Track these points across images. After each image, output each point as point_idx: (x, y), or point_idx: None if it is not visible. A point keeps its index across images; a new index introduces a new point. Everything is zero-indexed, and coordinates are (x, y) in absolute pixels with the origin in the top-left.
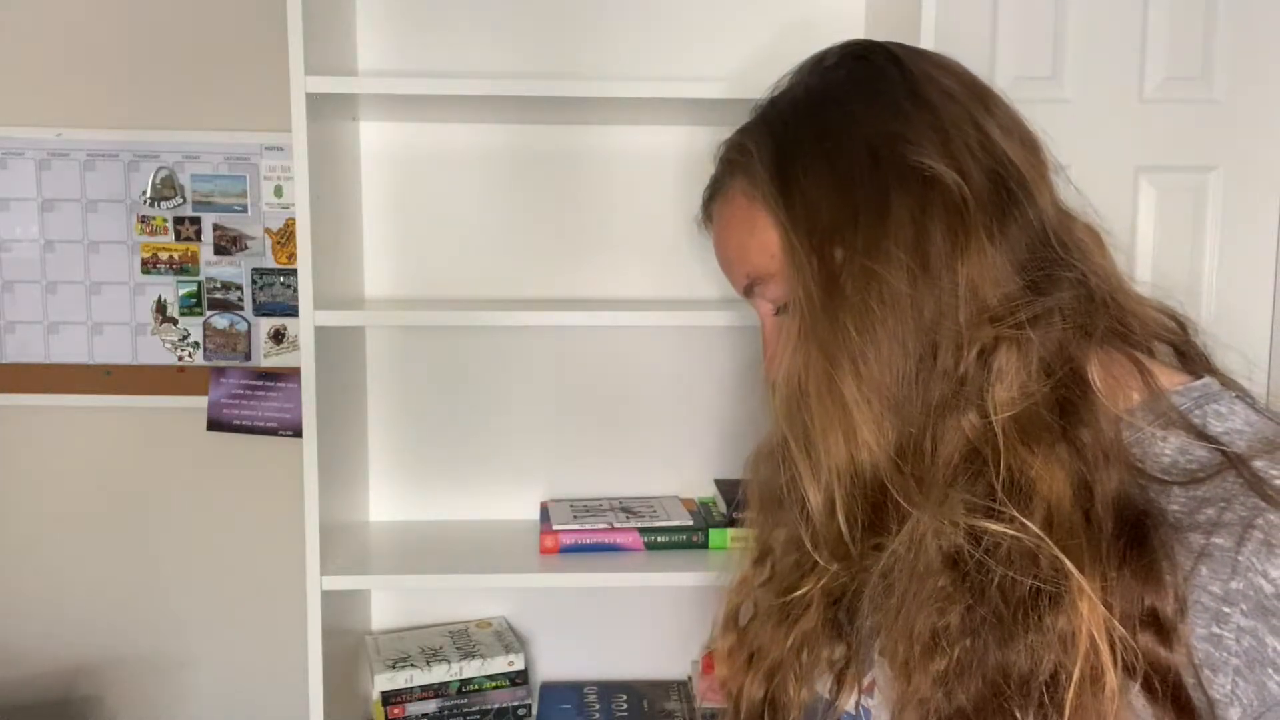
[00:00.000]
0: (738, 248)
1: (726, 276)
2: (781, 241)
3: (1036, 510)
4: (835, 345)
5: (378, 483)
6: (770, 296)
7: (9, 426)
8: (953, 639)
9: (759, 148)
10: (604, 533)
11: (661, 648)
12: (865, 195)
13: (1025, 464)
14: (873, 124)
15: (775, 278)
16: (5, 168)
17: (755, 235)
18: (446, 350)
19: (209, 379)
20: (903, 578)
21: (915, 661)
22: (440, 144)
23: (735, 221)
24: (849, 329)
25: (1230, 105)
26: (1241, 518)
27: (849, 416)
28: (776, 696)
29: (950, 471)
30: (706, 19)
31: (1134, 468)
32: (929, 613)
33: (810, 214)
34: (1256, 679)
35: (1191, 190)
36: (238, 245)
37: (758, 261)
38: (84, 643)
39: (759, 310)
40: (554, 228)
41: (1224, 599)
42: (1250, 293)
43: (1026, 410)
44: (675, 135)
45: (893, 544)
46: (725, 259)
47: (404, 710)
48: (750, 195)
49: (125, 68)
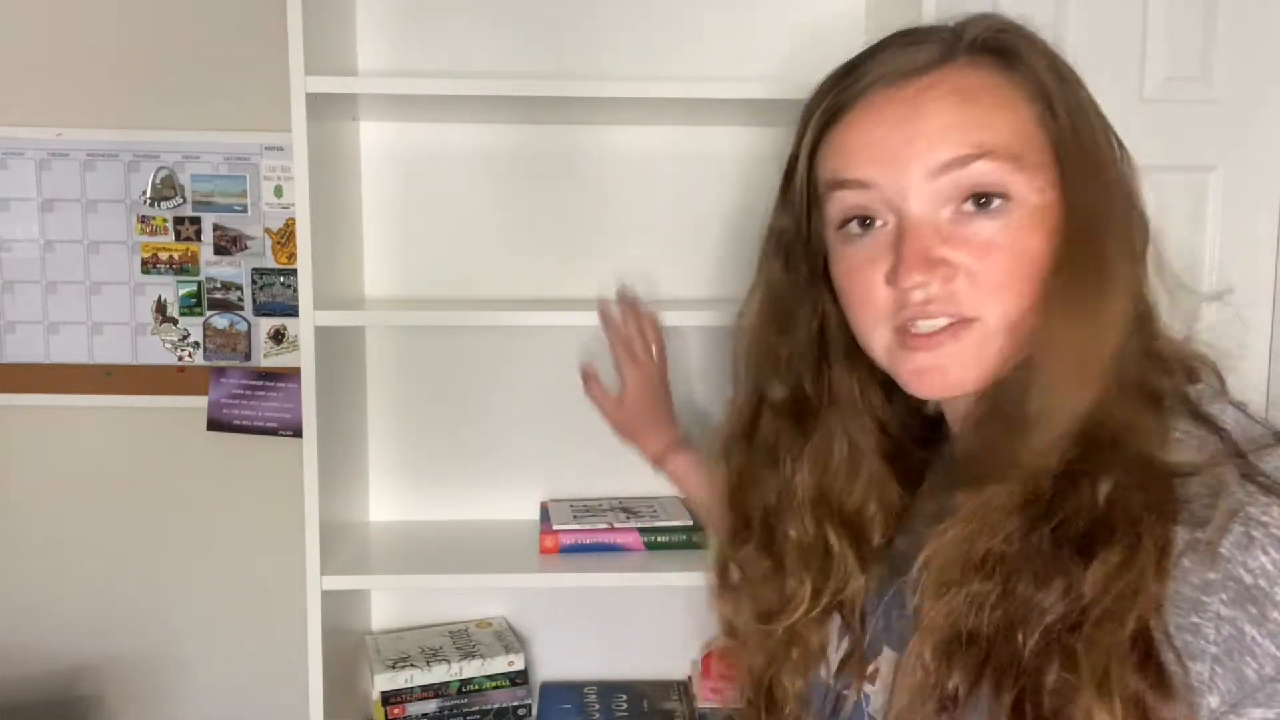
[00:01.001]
0: (980, 113)
1: (920, 146)
2: (1048, 140)
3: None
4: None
5: (378, 483)
6: (994, 181)
7: (9, 426)
8: (1001, 566)
9: (1040, 56)
10: (604, 533)
11: (661, 648)
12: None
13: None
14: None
15: (1016, 165)
16: (5, 168)
17: (1010, 112)
18: (446, 350)
19: (209, 379)
20: (978, 509)
21: (957, 581)
22: (440, 144)
23: (989, 91)
24: (1115, 258)
25: (1230, 105)
26: (1223, 511)
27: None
28: (772, 689)
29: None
30: (706, 19)
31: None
32: (990, 539)
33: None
34: (1235, 667)
35: (1191, 190)
36: (238, 245)
37: (1006, 138)
38: (84, 643)
39: (933, 193)
40: (554, 228)
41: (1204, 589)
42: (1250, 293)
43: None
44: (675, 135)
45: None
46: (947, 124)
47: (404, 710)
48: (1018, 83)
49: (125, 68)
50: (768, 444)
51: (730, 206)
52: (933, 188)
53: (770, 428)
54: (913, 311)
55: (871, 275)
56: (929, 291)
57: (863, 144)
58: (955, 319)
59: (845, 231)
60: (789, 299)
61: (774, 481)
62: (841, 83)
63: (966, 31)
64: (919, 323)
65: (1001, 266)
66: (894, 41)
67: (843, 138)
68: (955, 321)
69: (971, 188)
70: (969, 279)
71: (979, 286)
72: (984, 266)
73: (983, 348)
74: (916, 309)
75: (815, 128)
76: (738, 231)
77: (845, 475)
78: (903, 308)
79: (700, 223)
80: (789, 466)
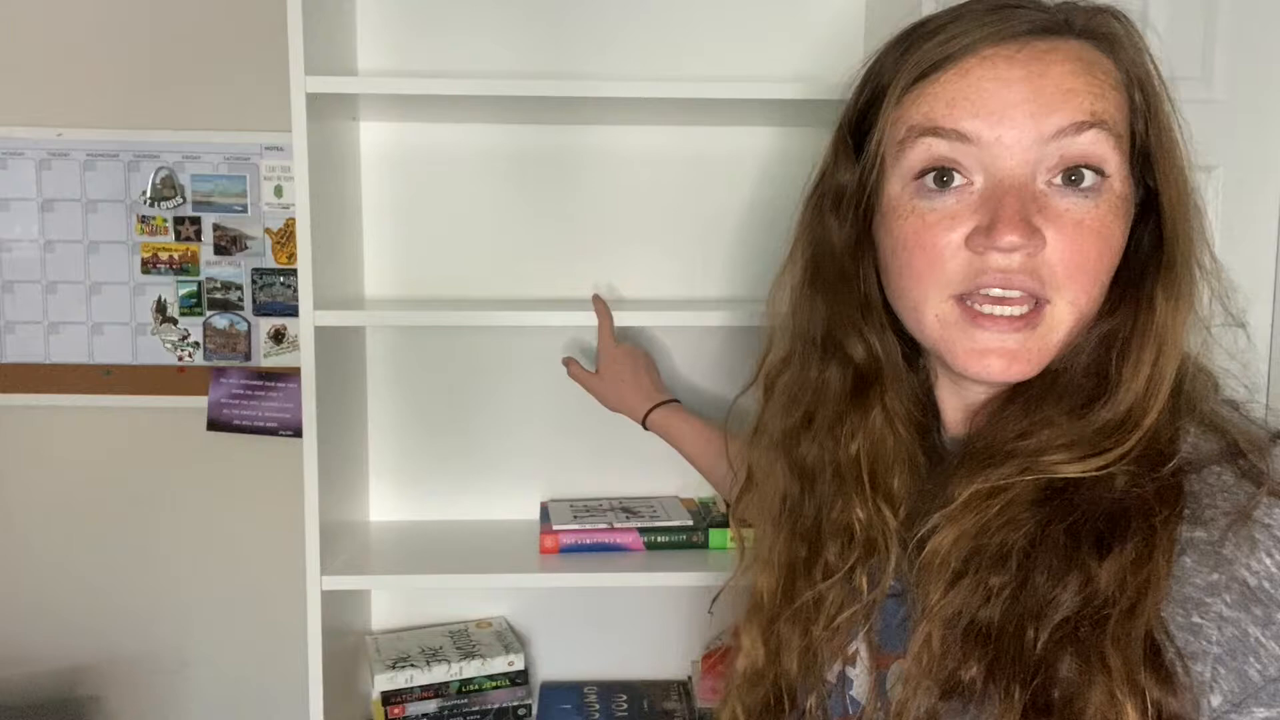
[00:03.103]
0: (1097, 86)
1: (1035, 106)
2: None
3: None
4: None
5: (378, 483)
6: (1101, 155)
7: (9, 426)
8: (1018, 558)
9: (1141, 50)
10: (604, 533)
11: (661, 648)
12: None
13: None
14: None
15: (1118, 145)
16: (5, 168)
17: (1116, 94)
18: (446, 350)
19: (209, 379)
20: (996, 499)
21: (971, 571)
22: (440, 144)
23: (1101, 68)
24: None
25: (1230, 105)
26: (1226, 511)
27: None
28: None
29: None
30: (706, 19)
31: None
32: (1008, 531)
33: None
34: (1238, 667)
35: None
36: (238, 245)
37: (1115, 115)
38: (84, 643)
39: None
40: (554, 228)
41: (1206, 589)
42: (1250, 293)
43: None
44: (675, 135)
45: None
46: (1069, 87)
47: (404, 710)
48: (1121, 65)
49: (125, 68)
50: (810, 412)
51: (730, 207)
52: (1038, 153)
53: (816, 395)
54: (991, 279)
55: (947, 234)
56: (1014, 260)
57: (970, 95)
58: (1031, 297)
59: (921, 184)
60: (842, 259)
61: (819, 449)
62: (935, 36)
63: (1074, 12)
64: (992, 291)
65: (1087, 249)
66: (990, 4)
67: (944, 87)
68: (1028, 306)
69: (1076, 158)
70: (1053, 256)
71: (1060, 267)
72: (1069, 247)
73: (1049, 338)
74: (997, 276)
75: (908, 75)
76: (738, 232)
77: (887, 448)
78: (980, 273)
79: (700, 223)
80: (833, 435)
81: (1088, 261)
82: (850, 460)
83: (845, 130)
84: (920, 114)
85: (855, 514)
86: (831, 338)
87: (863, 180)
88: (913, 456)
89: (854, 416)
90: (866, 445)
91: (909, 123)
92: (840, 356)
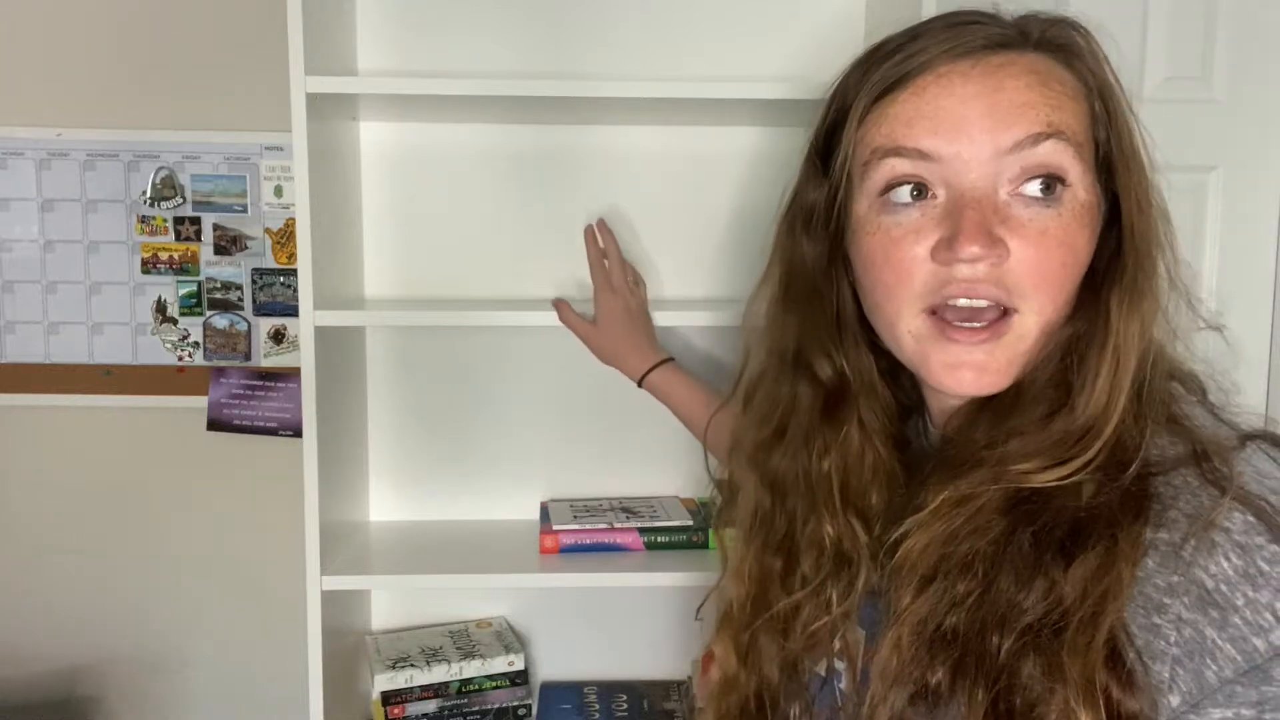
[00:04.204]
0: (1054, 97)
1: (992, 122)
2: (1098, 135)
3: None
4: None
5: (378, 483)
6: (1061, 164)
7: (9, 426)
8: (984, 565)
9: (1100, 59)
10: (604, 533)
11: (661, 648)
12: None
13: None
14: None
15: (1078, 154)
16: (5, 168)
17: (1075, 104)
18: (446, 350)
19: (209, 379)
20: (964, 507)
21: (939, 577)
22: (440, 144)
23: (1058, 79)
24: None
25: (1230, 105)
26: (1186, 514)
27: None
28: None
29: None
30: (706, 19)
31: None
32: (975, 539)
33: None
34: (1195, 669)
35: (1191, 190)
36: (238, 245)
37: (1073, 125)
38: (84, 643)
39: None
40: (553, 228)
41: (1166, 591)
42: (1250, 293)
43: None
44: (676, 135)
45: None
46: (1024, 101)
47: (404, 710)
48: (1082, 76)
49: (125, 68)
50: (782, 427)
51: (730, 207)
52: (997, 166)
53: (786, 410)
54: (957, 288)
55: (913, 248)
56: (979, 270)
57: (927, 114)
58: (997, 306)
59: (887, 199)
60: (814, 276)
61: (791, 464)
62: (893, 56)
63: (1031, 24)
64: (959, 301)
65: (1051, 258)
66: (946, 21)
67: (903, 107)
68: (995, 315)
69: (1036, 168)
70: (1017, 265)
71: (1025, 276)
72: (1033, 255)
73: (1017, 347)
74: (962, 286)
75: (868, 96)
76: (737, 232)
77: (862, 463)
78: (945, 284)
79: (700, 223)
80: (805, 451)
81: (1052, 270)
82: (822, 476)
83: (814, 150)
84: (882, 135)
85: (825, 529)
86: (801, 356)
87: (831, 199)
88: (890, 470)
89: (826, 433)
90: (839, 461)
91: (872, 144)
92: (809, 375)
